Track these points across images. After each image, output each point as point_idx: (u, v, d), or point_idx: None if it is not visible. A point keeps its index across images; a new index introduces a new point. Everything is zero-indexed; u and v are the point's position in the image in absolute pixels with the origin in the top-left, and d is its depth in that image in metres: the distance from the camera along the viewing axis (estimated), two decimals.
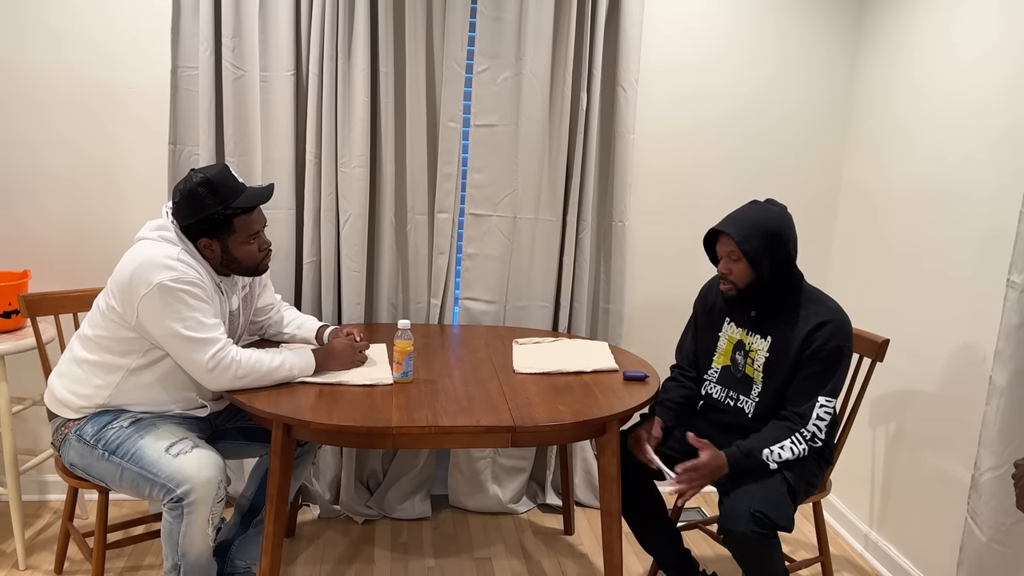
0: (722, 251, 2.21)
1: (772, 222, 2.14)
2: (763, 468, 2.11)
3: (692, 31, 3.01)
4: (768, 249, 2.13)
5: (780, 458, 2.11)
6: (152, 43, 2.76)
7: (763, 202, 2.21)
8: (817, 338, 2.13)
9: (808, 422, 2.12)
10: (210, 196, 2.09)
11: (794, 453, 2.12)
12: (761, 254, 2.13)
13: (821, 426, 2.13)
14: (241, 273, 2.24)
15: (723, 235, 2.19)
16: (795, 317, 2.18)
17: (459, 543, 2.90)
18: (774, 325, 2.22)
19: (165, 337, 2.06)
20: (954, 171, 2.54)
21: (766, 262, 2.14)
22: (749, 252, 2.12)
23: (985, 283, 2.38)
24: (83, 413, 2.14)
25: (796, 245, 2.18)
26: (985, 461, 2.11)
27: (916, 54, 2.74)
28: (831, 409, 2.13)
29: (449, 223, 2.90)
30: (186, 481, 1.99)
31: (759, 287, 2.18)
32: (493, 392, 2.23)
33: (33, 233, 2.84)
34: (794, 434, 2.13)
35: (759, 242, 2.12)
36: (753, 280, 2.18)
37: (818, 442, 2.13)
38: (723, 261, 2.22)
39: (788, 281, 2.19)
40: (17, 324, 2.62)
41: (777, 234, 2.13)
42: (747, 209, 2.18)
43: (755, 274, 2.16)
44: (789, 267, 2.17)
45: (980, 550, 2.13)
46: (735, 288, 2.21)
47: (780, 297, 2.20)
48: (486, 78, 2.82)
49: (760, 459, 2.10)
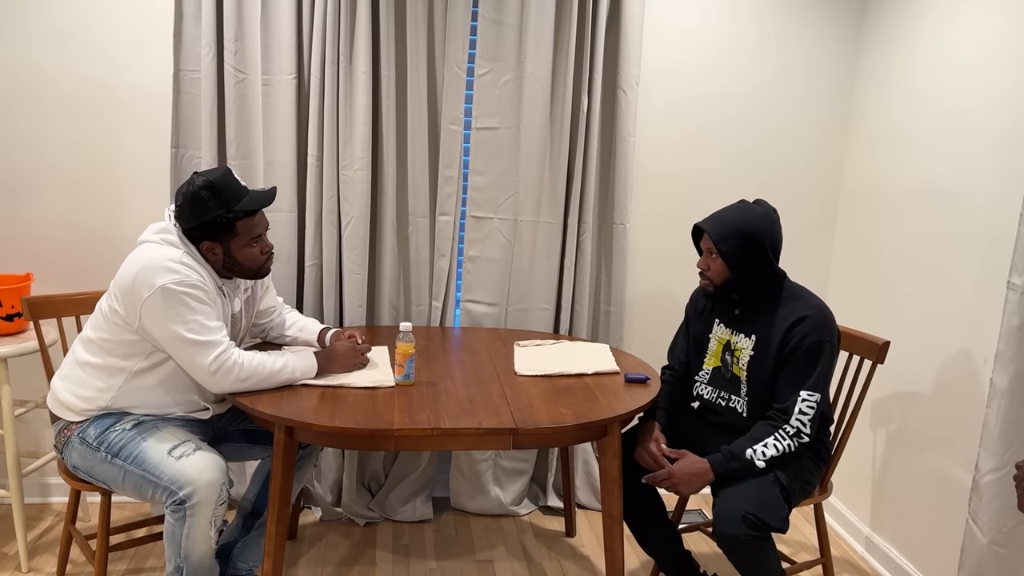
0: (704, 247, 2.27)
1: (753, 223, 2.17)
2: (751, 467, 2.11)
3: (692, 34, 3.02)
4: (745, 249, 2.17)
5: (765, 456, 2.11)
6: (156, 45, 2.77)
7: (751, 202, 2.24)
8: (796, 334, 2.15)
9: (791, 417, 2.13)
10: (213, 199, 2.09)
11: (778, 450, 2.12)
12: (737, 254, 2.17)
13: (804, 420, 2.13)
14: (243, 276, 2.24)
15: (705, 232, 2.23)
16: (776, 315, 2.21)
17: (461, 545, 2.90)
18: (756, 323, 2.24)
19: (168, 340, 2.06)
20: (954, 173, 2.54)
21: (743, 261, 2.18)
22: (724, 251, 2.17)
23: (986, 285, 2.39)
24: (86, 416, 2.14)
25: (778, 245, 2.21)
26: (986, 463, 2.11)
27: (916, 57, 2.75)
28: (814, 403, 2.14)
29: (450, 226, 2.91)
30: (189, 483, 1.99)
31: (737, 285, 2.22)
32: (495, 394, 2.24)
33: (36, 236, 2.85)
34: (776, 431, 2.14)
35: (736, 242, 2.16)
36: (729, 278, 2.22)
37: (804, 437, 2.14)
38: (703, 257, 2.28)
39: (769, 280, 2.21)
40: (20, 327, 2.63)
41: (755, 235, 2.16)
42: (731, 209, 2.23)
43: (731, 272, 2.21)
44: (768, 266, 2.19)
45: (981, 552, 2.13)
46: (712, 284, 2.27)
47: (761, 296, 2.24)
48: (487, 81, 2.82)
49: (745, 459, 2.11)
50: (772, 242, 2.19)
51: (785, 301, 2.21)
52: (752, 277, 2.20)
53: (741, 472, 2.12)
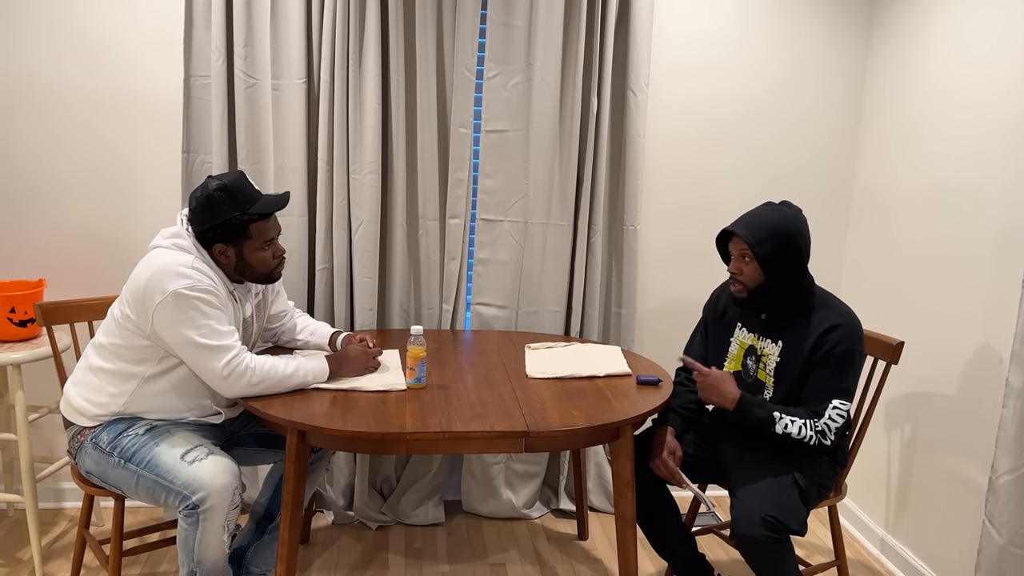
0: (734, 251, 2.22)
1: (785, 225, 2.13)
2: (769, 423, 2.10)
3: (702, 35, 3.01)
4: (780, 252, 2.13)
5: (787, 429, 2.09)
6: (166, 52, 2.78)
7: (778, 204, 2.20)
8: (827, 341, 2.12)
9: (822, 419, 2.12)
10: (228, 201, 2.10)
11: (801, 434, 2.09)
12: (773, 257, 2.13)
13: (832, 427, 2.11)
14: (255, 280, 2.25)
15: (735, 236, 2.19)
16: (806, 321, 2.17)
17: (473, 549, 2.89)
18: (785, 329, 2.21)
19: (180, 345, 2.07)
20: (968, 170, 2.52)
21: (778, 265, 2.14)
22: (760, 254, 2.13)
23: (1001, 284, 2.37)
24: (99, 421, 2.15)
25: (809, 249, 2.18)
26: (1002, 463, 2.09)
27: (931, 51, 2.73)
28: (844, 412, 2.12)
29: (460, 228, 2.90)
30: (201, 488, 2.00)
31: (769, 289, 2.18)
32: (506, 397, 2.23)
33: (48, 242, 2.86)
34: (809, 419, 2.11)
35: (771, 245, 2.12)
36: (763, 282, 2.18)
37: (827, 440, 2.12)
38: (734, 261, 2.22)
39: (799, 284, 2.19)
40: (33, 333, 2.64)
41: (790, 237, 2.12)
42: (761, 211, 2.18)
43: (765, 276, 2.16)
44: (801, 270, 2.17)
45: (998, 553, 2.11)
46: (745, 289, 2.21)
47: (791, 301, 2.20)
48: (496, 84, 2.82)
49: (769, 415, 2.10)
50: (806, 244, 2.16)
51: (816, 308, 2.18)
52: (786, 280, 2.17)
53: (757, 423, 2.11)
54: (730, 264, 2.24)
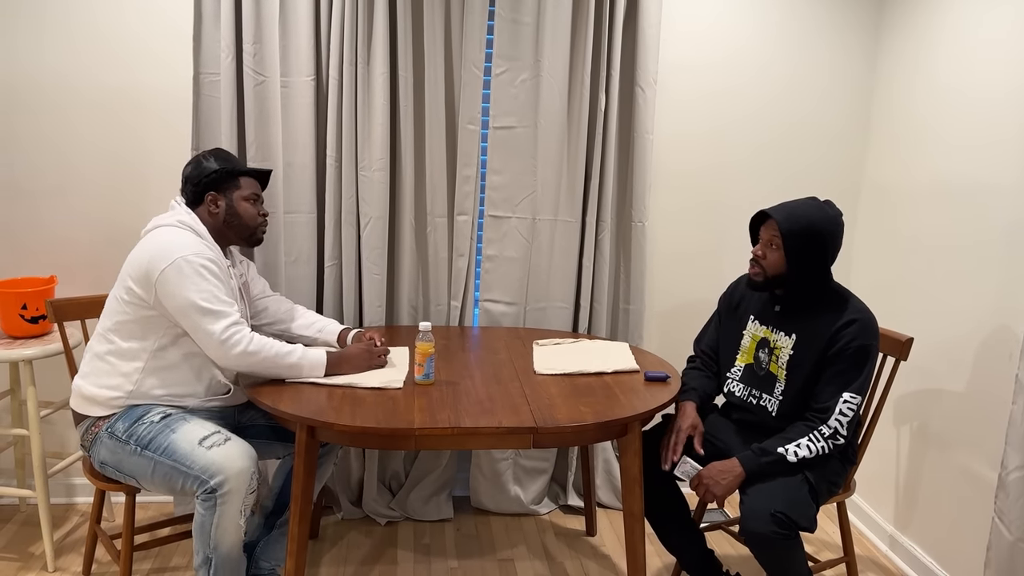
0: (764, 234, 2.21)
1: (825, 225, 2.12)
2: (782, 463, 2.10)
3: (711, 30, 3.01)
4: (809, 249, 2.12)
5: (798, 456, 2.10)
6: (178, 48, 2.80)
7: (822, 201, 2.19)
8: (844, 336, 2.12)
9: (830, 417, 2.11)
10: (215, 160, 2.29)
11: (811, 451, 2.10)
12: (800, 250, 2.12)
13: (843, 422, 2.11)
14: (240, 237, 2.32)
15: (770, 220, 2.18)
16: (822, 315, 2.17)
17: (481, 544, 2.90)
18: (799, 322, 2.21)
19: (181, 309, 2.10)
20: (978, 166, 2.51)
21: (803, 260, 2.14)
22: (789, 246, 2.13)
23: (1010, 280, 2.36)
24: (113, 409, 2.16)
25: (837, 253, 2.17)
26: (1012, 460, 2.09)
27: (942, 48, 2.71)
28: (855, 406, 2.12)
29: (468, 225, 2.91)
30: (220, 472, 2.02)
31: (786, 281, 2.18)
32: (514, 393, 2.24)
33: (59, 239, 2.88)
34: (812, 432, 2.11)
35: (803, 239, 2.12)
36: (783, 273, 2.18)
37: (840, 439, 2.11)
38: (760, 245, 2.21)
39: (817, 282, 2.18)
40: (44, 329, 2.66)
41: (822, 236, 2.12)
42: (805, 204, 2.17)
43: (787, 267, 2.16)
44: (823, 271, 2.17)
45: (1008, 549, 2.10)
46: (763, 274, 2.21)
47: (806, 295, 2.20)
48: (504, 80, 2.83)
49: (776, 454, 2.10)
50: (835, 249, 2.16)
51: (832, 303, 2.18)
52: (805, 277, 2.17)
53: (772, 468, 2.10)
54: (756, 246, 2.24)
